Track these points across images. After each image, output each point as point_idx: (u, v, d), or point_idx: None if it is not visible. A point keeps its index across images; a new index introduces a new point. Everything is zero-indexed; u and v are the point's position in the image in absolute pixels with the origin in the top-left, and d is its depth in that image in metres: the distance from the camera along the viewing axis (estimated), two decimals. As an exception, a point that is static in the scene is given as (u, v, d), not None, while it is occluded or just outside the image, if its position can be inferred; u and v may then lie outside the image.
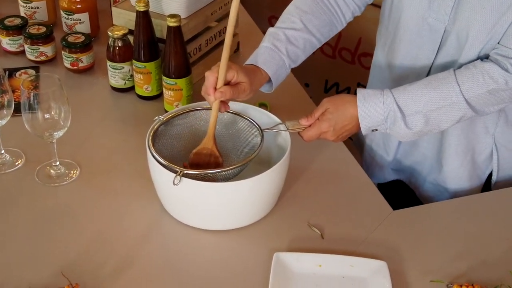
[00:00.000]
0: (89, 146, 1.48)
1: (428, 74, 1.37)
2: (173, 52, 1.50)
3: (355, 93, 1.30)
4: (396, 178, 1.60)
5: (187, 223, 1.27)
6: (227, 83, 1.27)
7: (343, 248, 1.24)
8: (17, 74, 1.72)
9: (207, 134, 1.29)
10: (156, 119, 1.31)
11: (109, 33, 1.59)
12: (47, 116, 1.31)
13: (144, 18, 1.54)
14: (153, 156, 1.23)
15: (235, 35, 1.81)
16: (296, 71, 2.57)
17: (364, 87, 1.60)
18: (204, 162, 1.29)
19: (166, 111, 1.56)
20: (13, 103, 1.36)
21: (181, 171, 1.18)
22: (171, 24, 1.47)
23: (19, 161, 1.43)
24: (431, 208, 1.36)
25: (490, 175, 1.46)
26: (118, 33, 1.59)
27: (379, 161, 1.58)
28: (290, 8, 1.43)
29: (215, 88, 1.25)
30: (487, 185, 1.47)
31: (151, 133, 1.28)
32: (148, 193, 1.31)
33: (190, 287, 1.16)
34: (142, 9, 1.52)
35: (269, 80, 1.36)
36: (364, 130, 1.29)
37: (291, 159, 1.37)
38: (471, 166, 1.43)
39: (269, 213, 1.31)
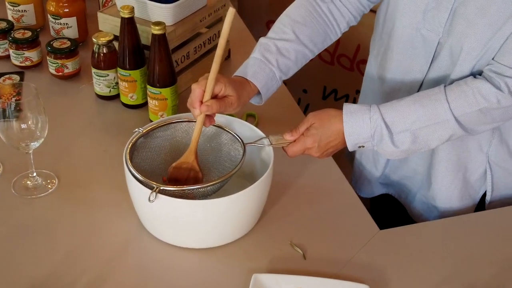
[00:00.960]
0: (70, 156, 1.44)
1: (420, 88, 1.32)
2: (158, 61, 1.45)
3: (354, 101, 1.25)
4: (385, 192, 1.55)
5: (164, 240, 1.23)
6: (214, 97, 1.22)
7: (325, 269, 1.19)
8: (1, 79, 1.67)
9: (189, 148, 1.24)
10: (136, 131, 1.27)
11: (93, 39, 1.55)
12: (23, 126, 1.27)
13: (129, 24, 1.49)
14: (130, 171, 1.18)
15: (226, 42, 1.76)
16: (294, 77, 2.54)
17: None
18: (183, 176, 1.24)
19: (151, 121, 1.52)
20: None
21: (157, 187, 1.14)
22: (155, 32, 1.42)
23: (-3, 171, 1.39)
24: (419, 228, 1.32)
25: (484, 195, 1.40)
26: (103, 40, 1.55)
27: (368, 175, 1.53)
28: (282, 17, 1.38)
29: (201, 102, 1.20)
30: (481, 206, 1.41)
31: (129, 146, 1.24)
32: (126, 207, 1.27)
33: (163, 308, 1.12)
34: (127, 16, 1.47)
35: (259, 93, 1.31)
36: (350, 147, 1.24)
37: (276, 174, 1.33)
38: (462, 184, 1.38)
39: (250, 230, 1.26)
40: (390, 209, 1.56)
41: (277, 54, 1.32)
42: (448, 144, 1.32)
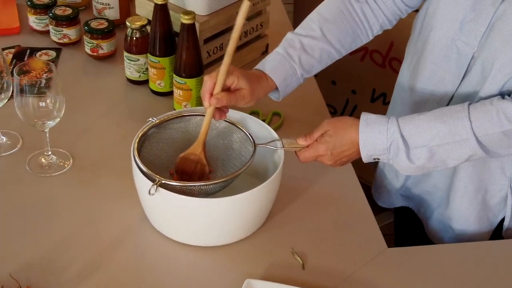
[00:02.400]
0: (88, 138, 1.44)
1: (450, 102, 1.26)
2: (185, 50, 1.43)
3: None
4: (405, 205, 1.49)
5: (164, 233, 1.21)
6: (226, 89, 1.20)
7: (323, 283, 1.15)
8: (38, 54, 1.69)
9: (197, 140, 1.22)
10: (149, 120, 1.25)
11: (127, 23, 1.54)
12: (41, 104, 1.28)
13: (161, 11, 1.48)
14: (135, 161, 1.17)
15: (264, 36, 1.73)
16: (343, 78, 2.50)
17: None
18: (190, 168, 1.23)
19: (175, 110, 1.50)
20: (11, 85, 1.32)
21: (158, 181, 1.12)
22: (184, 21, 1.41)
23: (17, 146, 1.40)
24: (429, 251, 1.26)
25: (503, 220, 1.32)
26: (136, 24, 1.54)
27: (388, 185, 1.47)
28: (313, 14, 1.34)
29: (212, 94, 1.18)
30: (498, 230, 1.34)
31: (140, 135, 1.22)
32: (134, 196, 1.25)
33: (151, 302, 1.11)
34: (160, 2, 1.46)
35: (277, 88, 1.28)
36: (364, 158, 1.19)
37: (290, 178, 1.30)
38: (481, 207, 1.31)
39: (252, 233, 1.23)
40: (411, 223, 1.50)
41: (301, 51, 1.29)
42: (469, 163, 1.25)
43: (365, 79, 2.46)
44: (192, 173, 1.23)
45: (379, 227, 1.28)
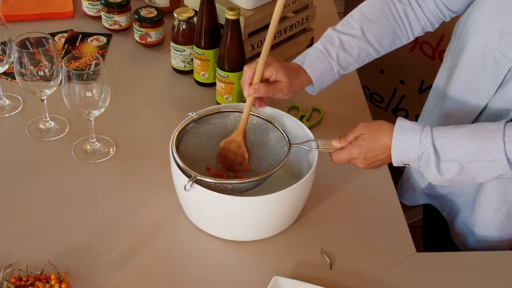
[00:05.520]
0: (132, 125, 1.49)
1: (481, 113, 1.25)
2: (229, 45, 1.46)
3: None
4: (428, 202, 1.50)
5: (198, 226, 1.26)
6: (265, 80, 1.24)
7: (349, 284, 1.18)
8: (89, 39, 1.75)
9: (237, 128, 1.27)
10: (189, 115, 1.29)
11: (174, 14, 1.57)
12: (88, 94, 1.32)
13: (208, 4, 1.50)
14: (173, 155, 1.21)
15: (309, 30, 1.74)
16: (392, 67, 2.48)
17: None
18: (232, 155, 1.27)
19: (218, 103, 1.53)
20: (60, 71, 1.37)
21: (194, 177, 1.16)
22: (229, 17, 1.43)
23: (64, 131, 1.46)
24: (458, 258, 1.26)
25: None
26: (183, 16, 1.57)
27: (413, 183, 1.48)
28: (355, 11, 1.36)
29: (251, 84, 1.23)
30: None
31: (179, 130, 1.26)
32: (171, 187, 1.30)
33: (181, 290, 1.15)
34: (206, -5, 1.49)
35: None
36: (395, 163, 1.20)
37: (324, 176, 1.33)
38: (504, 218, 1.30)
39: (283, 230, 1.26)
40: (437, 221, 1.51)
41: (339, 48, 1.31)
42: None
43: (414, 70, 2.44)
44: (233, 160, 1.27)
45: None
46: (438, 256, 1.25)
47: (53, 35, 1.73)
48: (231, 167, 1.29)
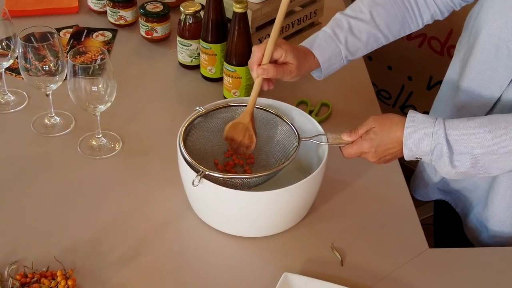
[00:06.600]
0: (138, 121, 1.47)
1: (495, 105, 1.23)
2: (236, 39, 1.44)
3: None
4: (441, 198, 1.47)
5: (206, 222, 1.24)
6: (274, 62, 1.22)
7: (360, 280, 1.15)
8: (94, 35, 1.73)
9: (245, 109, 1.24)
10: (196, 109, 1.27)
11: (181, 8, 1.55)
12: (94, 88, 1.30)
13: (215, -2, 1.48)
14: (180, 151, 1.19)
15: (317, 24, 1.72)
16: (399, 63, 2.46)
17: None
18: (238, 136, 1.25)
19: (225, 98, 1.51)
20: (65, 66, 1.35)
21: (202, 172, 1.14)
22: (236, 10, 1.41)
23: (70, 126, 1.44)
24: (471, 253, 1.24)
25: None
26: (190, 10, 1.55)
27: (426, 178, 1.46)
28: None
29: (260, 65, 1.21)
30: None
31: (186, 124, 1.24)
32: (179, 182, 1.28)
33: (189, 286, 1.13)
34: (212, -11, 1.47)
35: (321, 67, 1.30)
36: (406, 157, 1.18)
37: (334, 171, 1.30)
38: (518, 213, 1.28)
39: (294, 226, 1.24)
40: (450, 217, 1.48)
41: (348, 32, 1.29)
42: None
43: (422, 66, 2.42)
44: (240, 142, 1.25)
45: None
46: (451, 252, 1.23)
47: (58, 30, 1.72)
48: (238, 149, 1.27)
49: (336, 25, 1.30)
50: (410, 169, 1.55)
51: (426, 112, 1.51)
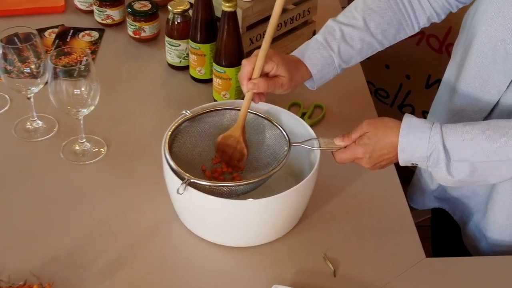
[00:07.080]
0: (125, 124, 1.42)
1: (492, 110, 1.18)
2: (225, 39, 1.38)
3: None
4: (438, 206, 1.42)
5: (193, 231, 1.18)
6: (264, 75, 1.17)
7: (353, 292, 1.10)
8: (81, 35, 1.67)
9: (236, 123, 1.20)
10: (183, 113, 1.22)
11: (169, 7, 1.50)
12: (76, 92, 1.25)
13: (203, -3, 1.43)
14: (165, 157, 1.14)
15: (311, 22, 1.67)
16: (397, 62, 2.41)
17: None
18: (229, 150, 1.20)
19: (215, 99, 1.46)
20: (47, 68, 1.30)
21: (187, 180, 1.08)
22: (225, 9, 1.35)
23: (52, 130, 1.39)
24: (469, 263, 1.19)
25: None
26: (178, 9, 1.50)
27: (423, 186, 1.41)
28: (357, 1, 1.28)
29: (250, 79, 1.16)
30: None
31: (172, 129, 1.19)
32: (165, 189, 1.22)
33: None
34: (201, -13, 1.41)
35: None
36: (401, 162, 1.12)
37: (327, 176, 1.25)
38: (517, 222, 1.23)
39: (284, 235, 1.19)
40: (447, 226, 1.43)
41: (341, 41, 1.24)
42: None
43: (420, 64, 2.37)
44: (231, 155, 1.21)
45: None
46: (449, 262, 1.18)
47: (43, 30, 1.66)
48: (229, 163, 1.22)
49: (328, 33, 1.25)
50: (407, 179, 1.50)
51: (424, 111, 1.46)
